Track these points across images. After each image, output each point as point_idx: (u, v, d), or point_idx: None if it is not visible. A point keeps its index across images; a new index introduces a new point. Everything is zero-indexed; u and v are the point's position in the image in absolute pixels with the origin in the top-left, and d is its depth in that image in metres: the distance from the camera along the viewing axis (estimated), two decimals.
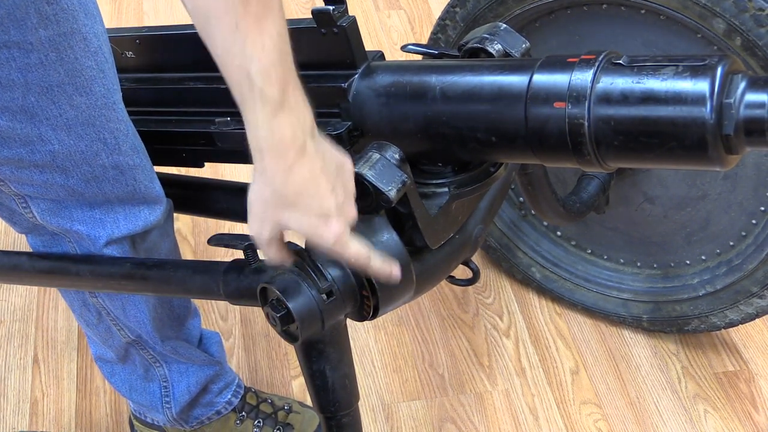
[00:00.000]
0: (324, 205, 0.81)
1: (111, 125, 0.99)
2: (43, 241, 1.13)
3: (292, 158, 0.79)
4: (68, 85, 0.94)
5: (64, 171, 1.00)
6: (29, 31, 0.88)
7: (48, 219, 1.06)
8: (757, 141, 0.81)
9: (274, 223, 0.84)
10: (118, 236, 1.08)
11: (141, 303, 1.18)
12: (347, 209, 0.84)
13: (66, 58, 0.92)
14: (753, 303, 1.40)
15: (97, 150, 1.00)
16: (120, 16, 2.33)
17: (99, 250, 1.09)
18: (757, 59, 1.19)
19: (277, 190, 0.81)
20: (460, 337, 1.61)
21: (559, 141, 0.87)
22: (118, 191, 1.04)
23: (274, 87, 0.76)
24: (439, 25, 1.44)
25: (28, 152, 0.97)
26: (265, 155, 0.79)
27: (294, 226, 0.83)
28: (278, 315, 0.85)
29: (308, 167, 0.80)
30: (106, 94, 0.97)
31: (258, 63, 0.75)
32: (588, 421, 1.48)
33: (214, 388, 1.35)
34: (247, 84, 0.76)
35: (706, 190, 1.40)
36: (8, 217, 1.11)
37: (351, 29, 1.00)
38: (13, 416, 1.52)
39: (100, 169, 1.01)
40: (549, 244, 1.62)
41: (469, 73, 0.94)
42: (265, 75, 0.76)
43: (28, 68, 0.90)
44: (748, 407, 1.48)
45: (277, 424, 1.41)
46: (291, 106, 0.78)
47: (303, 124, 0.79)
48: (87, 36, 0.93)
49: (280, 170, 0.79)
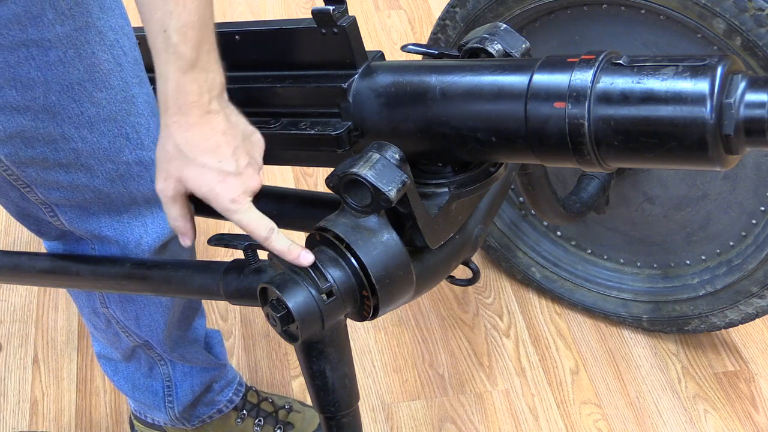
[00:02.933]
0: (223, 164, 0.83)
1: (132, 119, 0.99)
2: (66, 246, 1.14)
3: (196, 115, 0.81)
4: (88, 82, 0.93)
5: (89, 170, 0.99)
6: (46, 28, 0.88)
7: (77, 225, 1.06)
8: (757, 141, 0.80)
9: (176, 179, 0.85)
10: (146, 241, 1.08)
11: (157, 313, 1.18)
12: (249, 176, 0.86)
13: (84, 53, 0.92)
14: (753, 303, 1.40)
15: (120, 146, 0.99)
16: None
17: (126, 255, 1.09)
18: (757, 59, 1.19)
19: (178, 144, 0.83)
20: (460, 337, 1.61)
21: (559, 141, 0.87)
22: (143, 189, 1.04)
23: (188, 45, 0.79)
24: (439, 25, 1.44)
25: (51, 151, 0.96)
26: (170, 109, 0.82)
27: (192, 183, 0.85)
28: (278, 315, 0.85)
29: (210, 125, 0.83)
30: (124, 87, 0.97)
31: (176, 20, 0.78)
32: (588, 421, 1.48)
33: (215, 386, 1.35)
34: (163, 38, 0.79)
35: (706, 190, 1.40)
36: (36, 228, 1.11)
37: (351, 29, 1.00)
38: (13, 416, 1.52)
39: (124, 166, 1.01)
40: (549, 244, 1.62)
41: (469, 73, 0.94)
42: (182, 33, 0.79)
43: (47, 66, 0.90)
44: (748, 407, 1.48)
45: (278, 423, 1.41)
46: (202, 66, 0.81)
47: (211, 86, 0.82)
48: (102, 30, 0.93)
49: (183, 126, 0.82)
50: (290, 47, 1.05)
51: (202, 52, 0.80)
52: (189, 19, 0.79)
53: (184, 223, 0.91)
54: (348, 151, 1.02)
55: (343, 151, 1.02)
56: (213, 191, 0.84)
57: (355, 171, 0.86)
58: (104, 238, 1.08)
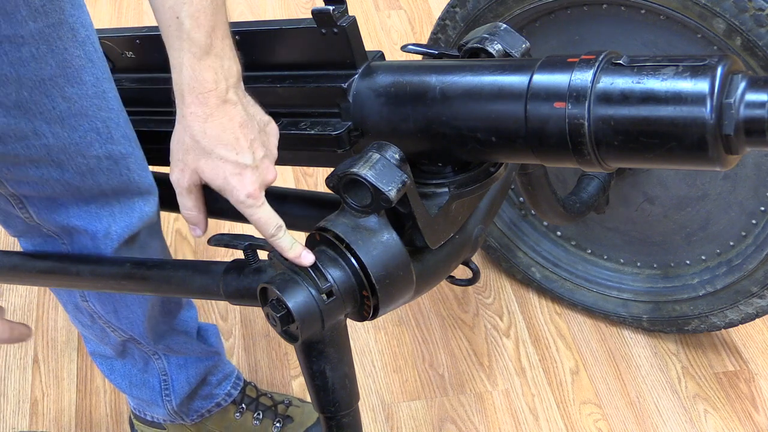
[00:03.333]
0: (240, 156, 0.83)
1: (103, 114, 0.99)
2: (34, 245, 1.13)
3: (213, 105, 0.80)
4: (60, 78, 0.93)
5: (60, 165, 0.99)
6: (19, 24, 0.87)
7: (44, 217, 1.06)
8: (757, 141, 0.80)
9: (191, 170, 0.85)
10: (115, 230, 1.07)
11: (135, 305, 1.17)
12: (265, 168, 0.85)
13: (56, 49, 0.91)
14: (753, 303, 1.40)
15: (90, 140, 0.99)
16: (120, 16, 2.33)
17: (96, 246, 1.09)
18: (757, 59, 1.19)
19: (194, 135, 0.82)
20: (460, 337, 1.61)
21: (559, 141, 0.87)
22: (112, 182, 1.04)
23: (201, 31, 0.78)
24: (439, 25, 1.44)
25: (23, 147, 0.96)
26: (186, 98, 0.81)
27: (208, 175, 0.84)
28: (278, 315, 0.85)
29: (228, 116, 0.81)
30: (95, 83, 0.97)
31: (189, 6, 0.78)
32: (588, 421, 1.48)
33: (212, 379, 1.35)
34: (176, 25, 0.78)
35: (706, 190, 1.40)
36: (2, 220, 1.11)
37: (351, 29, 1.00)
38: (13, 416, 1.52)
39: (94, 161, 1.01)
40: (549, 244, 1.62)
41: (469, 73, 0.94)
42: (194, 18, 0.78)
43: (20, 63, 0.89)
44: (748, 407, 1.48)
45: (277, 416, 1.41)
46: (217, 53, 0.80)
47: (227, 73, 0.81)
48: (74, 26, 0.93)
49: (200, 116, 0.81)
50: (290, 47, 1.05)
51: (216, 37, 0.80)
52: (201, 5, 0.78)
53: (197, 213, 0.91)
54: (348, 151, 1.02)
55: (343, 151, 1.02)
56: (229, 184, 0.84)
57: (355, 171, 0.86)
58: (72, 228, 1.07)
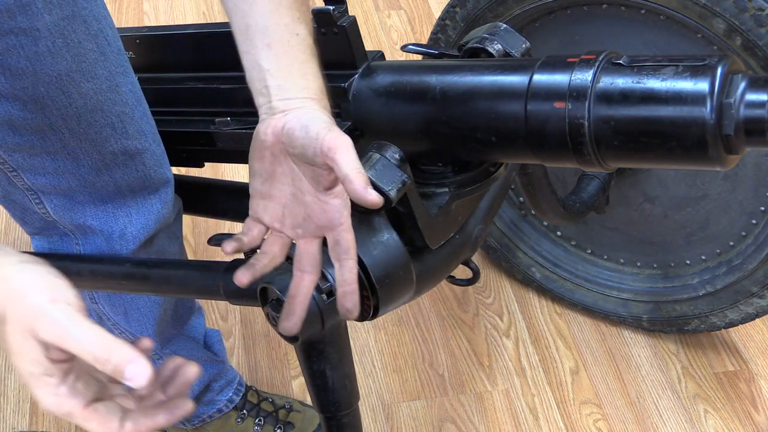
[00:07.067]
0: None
1: (117, 108, 0.99)
2: (50, 243, 1.13)
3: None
4: (75, 73, 0.93)
5: (75, 159, 0.99)
6: (35, 17, 0.87)
7: (61, 214, 1.06)
8: (757, 141, 0.80)
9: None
10: (131, 231, 1.07)
11: (146, 308, 1.17)
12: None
13: (71, 43, 0.91)
14: (753, 303, 1.40)
15: (106, 136, 0.99)
16: (120, 16, 2.33)
17: (111, 248, 1.08)
18: (757, 59, 1.19)
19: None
20: (460, 337, 1.61)
21: (559, 141, 0.87)
22: (128, 178, 1.04)
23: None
24: (439, 25, 1.44)
25: (39, 139, 0.96)
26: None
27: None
28: (278, 315, 0.85)
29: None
30: (108, 77, 0.97)
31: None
32: (588, 421, 1.48)
33: (215, 386, 1.35)
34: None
35: (706, 190, 1.40)
36: (20, 216, 1.10)
37: (351, 29, 1.00)
38: (13, 416, 1.52)
39: (110, 156, 1.01)
40: (549, 244, 1.62)
41: (469, 73, 0.94)
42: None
43: (36, 57, 0.89)
44: (748, 407, 1.48)
45: (278, 423, 1.41)
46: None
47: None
48: (87, 19, 0.92)
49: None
50: None
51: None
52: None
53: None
54: None
55: None
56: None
57: None
58: (88, 228, 1.07)
